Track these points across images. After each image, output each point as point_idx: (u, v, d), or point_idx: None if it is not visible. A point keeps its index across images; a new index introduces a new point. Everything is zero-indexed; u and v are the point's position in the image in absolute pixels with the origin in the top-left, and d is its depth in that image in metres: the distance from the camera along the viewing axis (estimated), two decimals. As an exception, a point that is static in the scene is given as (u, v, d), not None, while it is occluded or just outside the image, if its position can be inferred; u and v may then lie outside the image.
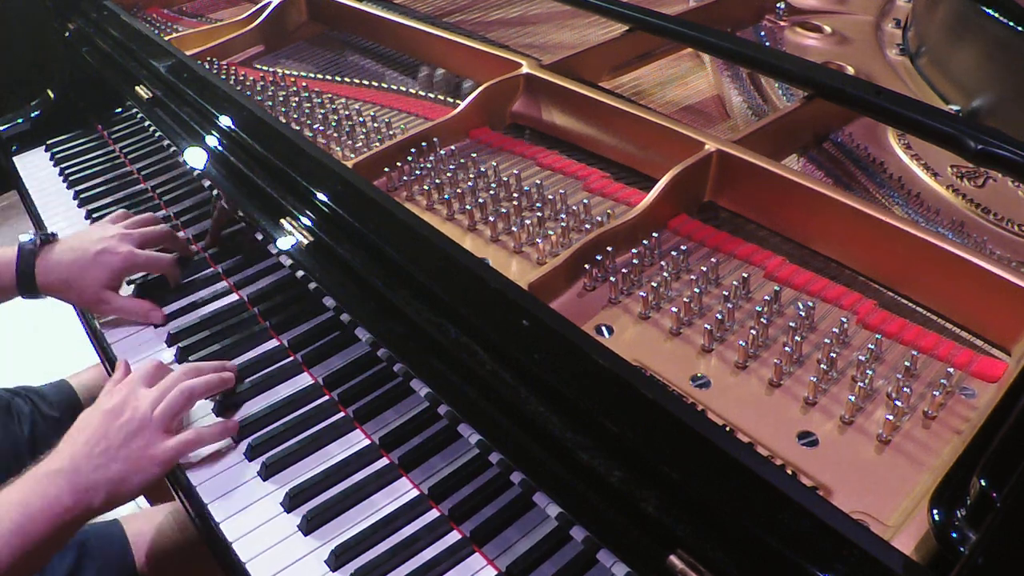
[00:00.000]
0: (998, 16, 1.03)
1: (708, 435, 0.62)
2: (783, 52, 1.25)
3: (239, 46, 1.45)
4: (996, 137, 0.83)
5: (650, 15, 1.18)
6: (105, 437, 0.83)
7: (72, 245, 1.07)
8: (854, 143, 1.07)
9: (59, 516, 0.78)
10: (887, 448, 0.69)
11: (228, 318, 1.06)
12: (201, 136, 1.13)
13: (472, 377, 0.74)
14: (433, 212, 1.01)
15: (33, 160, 1.54)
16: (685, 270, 0.90)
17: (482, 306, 0.77)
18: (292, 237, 0.94)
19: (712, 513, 0.58)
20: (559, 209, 0.97)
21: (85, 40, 1.47)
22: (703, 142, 0.96)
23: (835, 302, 0.84)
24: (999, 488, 0.53)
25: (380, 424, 0.89)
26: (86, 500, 0.80)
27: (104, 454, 0.82)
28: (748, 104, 1.15)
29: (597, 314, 0.85)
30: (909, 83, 1.20)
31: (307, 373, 0.97)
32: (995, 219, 0.94)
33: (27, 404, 1.24)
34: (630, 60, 1.28)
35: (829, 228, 0.88)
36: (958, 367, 0.76)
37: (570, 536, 0.71)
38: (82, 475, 0.81)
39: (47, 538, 0.78)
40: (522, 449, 0.70)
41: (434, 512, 0.81)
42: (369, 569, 0.76)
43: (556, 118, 1.13)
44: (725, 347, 0.80)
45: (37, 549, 0.78)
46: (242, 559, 0.78)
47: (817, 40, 1.33)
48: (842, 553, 0.53)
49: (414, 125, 1.17)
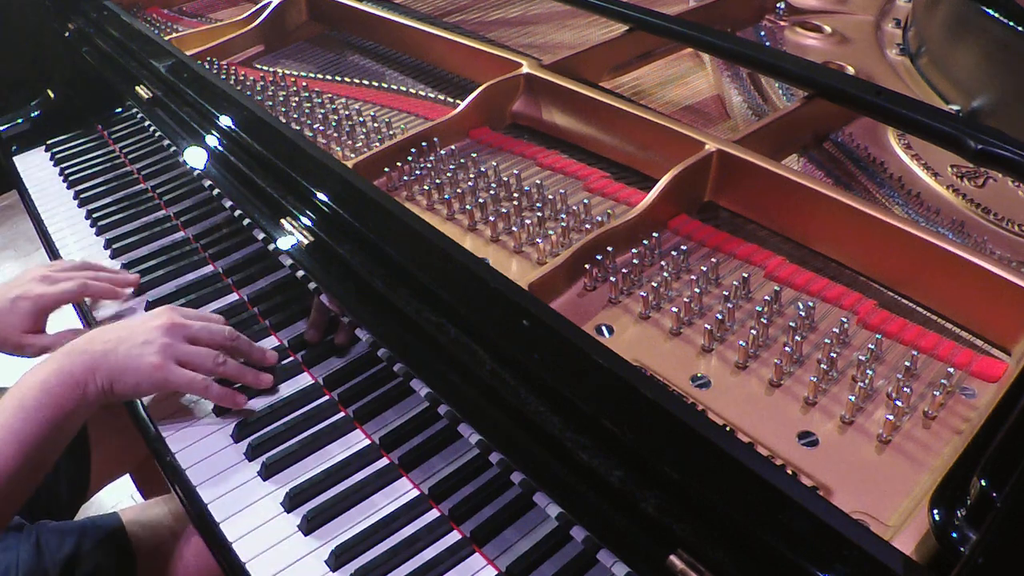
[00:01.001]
0: (998, 16, 1.04)
1: (708, 435, 0.62)
2: (783, 52, 1.25)
3: (239, 46, 1.45)
4: (996, 137, 0.83)
5: (650, 15, 1.18)
6: (123, 330, 0.88)
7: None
8: (854, 143, 1.07)
9: (70, 389, 0.82)
10: (887, 448, 0.69)
11: (228, 318, 1.06)
12: (201, 136, 1.13)
13: (472, 377, 0.74)
14: (433, 212, 1.01)
15: (33, 160, 1.54)
16: (685, 270, 0.90)
17: (482, 306, 0.77)
18: (292, 237, 0.94)
19: (712, 513, 0.58)
20: (559, 209, 0.97)
21: (85, 40, 1.47)
22: (703, 142, 0.96)
23: (835, 302, 0.84)
24: (999, 488, 0.53)
25: (380, 424, 0.89)
26: (91, 378, 0.83)
27: (117, 342, 0.86)
28: (748, 104, 1.15)
29: (597, 314, 0.85)
30: (909, 83, 1.20)
31: (307, 373, 0.97)
32: (995, 219, 0.94)
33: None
34: (630, 60, 1.28)
35: (829, 228, 0.88)
36: (958, 367, 0.76)
37: (570, 536, 0.71)
38: (90, 354, 0.84)
39: (64, 413, 0.81)
40: (522, 449, 0.70)
41: (434, 512, 0.81)
42: (369, 569, 0.76)
43: (556, 118, 1.13)
44: (725, 347, 0.80)
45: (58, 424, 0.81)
46: (242, 559, 0.78)
47: (817, 40, 1.33)
48: (842, 553, 0.53)
49: (414, 125, 1.18)
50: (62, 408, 0.82)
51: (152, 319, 0.90)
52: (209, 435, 0.91)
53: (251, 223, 1.01)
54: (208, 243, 1.20)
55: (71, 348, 0.86)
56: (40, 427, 0.80)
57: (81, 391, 0.83)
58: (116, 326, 0.90)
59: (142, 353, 0.86)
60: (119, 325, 0.90)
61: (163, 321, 0.89)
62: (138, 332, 0.88)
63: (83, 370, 0.84)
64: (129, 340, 0.87)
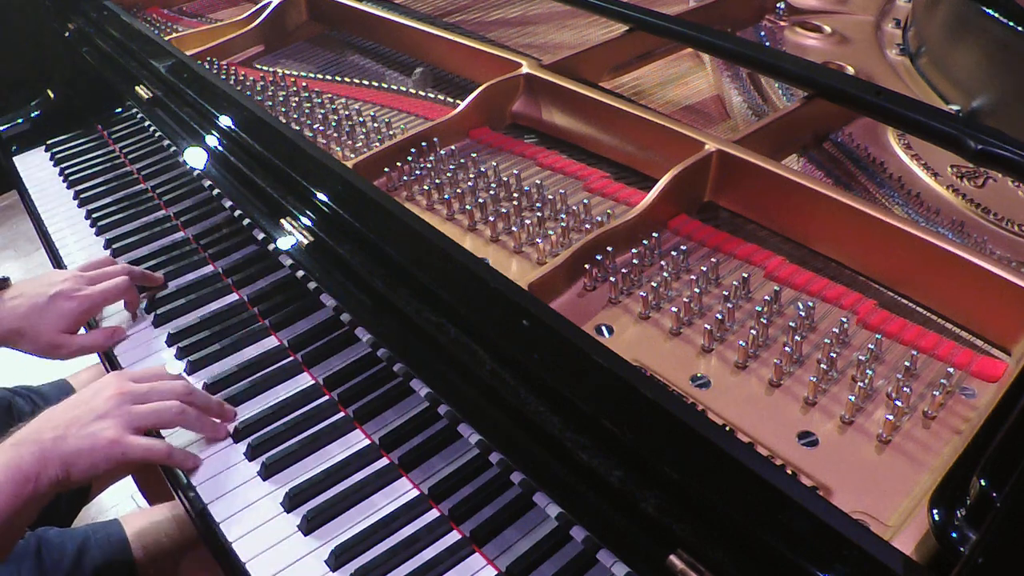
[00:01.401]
0: (998, 16, 1.04)
1: (708, 435, 0.62)
2: (783, 52, 1.25)
3: (239, 46, 1.45)
4: (996, 137, 0.83)
5: (650, 15, 1.18)
6: (73, 410, 0.82)
7: (25, 290, 1.03)
8: (854, 143, 1.07)
9: (20, 486, 0.76)
10: (887, 448, 0.69)
11: (228, 318, 1.06)
12: (201, 136, 1.13)
13: (472, 377, 0.74)
14: (433, 212, 1.01)
15: (33, 160, 1.54)
16: (685, 270, 0.90)
17: (482, 306, 0.77)
18: (292, 237, 0.94)
19: (712, 513, 0.58)
20: (559, 209, 0.97)
21: (85, 40, 1.47)
22: (703, 142, 0.96)
23: (835, 302, 0.84)
24: (999, 488, 0.53)
25: (380, 424, 0.89)
26: (42, 470, 0.78)
27: (66, 426, 0.80)
28: (748, 104, 1.15)
29: (597, 314, 0.85)
30: (909, 83, 1.20)
31: (307, 373, 0.97)
32: (995, 219, 0.94)
33: (28, 405, 1.24)
34: (630, 60, 1.28)
35: (829, 228, 0.88)
36: (958, 367, 0.76)
37: (570, 536, 0.71)
38: (40, 444, 0.78)
39: (13, 509, 0.75)
40: (522, 449, 0.70)
41: (434, 512, 0.81)
42: (369, 569, 0.76)
43: (556, 118, 1.13)
44: (725, 347, 0.80)
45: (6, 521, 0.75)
46: (242, 559, 0.78)
47: (817, 40, 1.33)
48: (842, 553, 0.53)
49: (414, 125, 1.18)
50: (11, 505, 0.76)
51: (100, 391, 0.85)
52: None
53: (251, 223, 1.01)
54: (208, 243, 1.20)
55: (18, 439, 0.80)
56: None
57: (32, 486, 0.77)
58: (64, 406, 0.85)
59: (94, 432, 0.81)
60: (67, 404, 0.85)
61: (112, 391, 0.84)
62: (87, 410, 0.83)
63: (33, 462, 0.78)
64: (79, 421, 0.82)
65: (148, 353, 1.05)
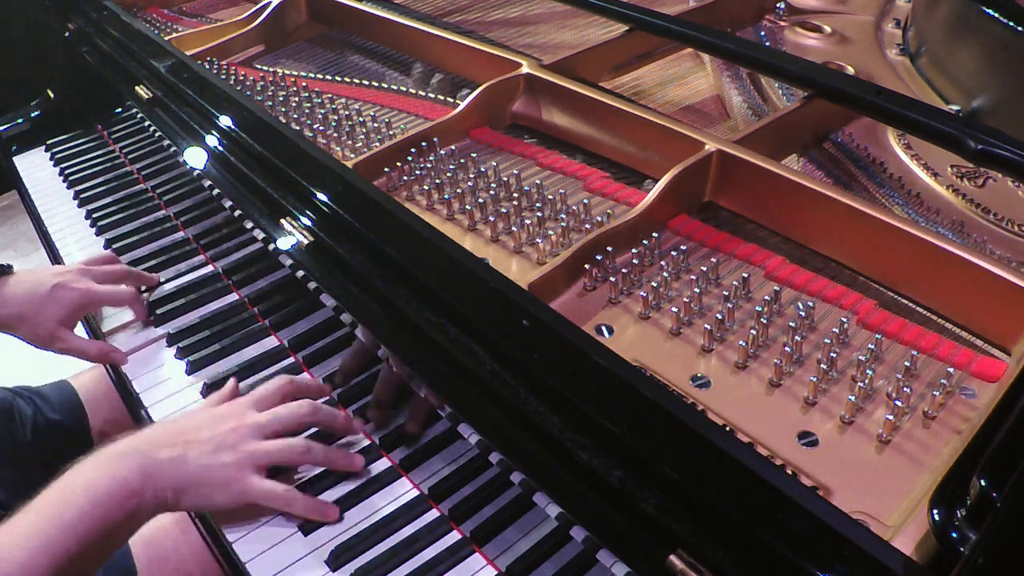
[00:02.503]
0: (998, 16, 1.03)
1: (708, 435, 0.62)
2: (783, 52, 1.25)
3: (239, 46, 1.45)
4: (996, 137, 0.83)
5: (650, 15, 1.18)
6: (193, 432, 0.76)
7: (26, 278, 1.04)
8: (854, 143, 1.07)
9: (124, 500, 0.70)
10: (887, 448, 0.69)
11: (228, 318, 1.06)
12: (201, 136, 1.13)
13: (472, 377, 0.74)
14: (433, 212, 1.01)
15: (33, 160, 1.54)
16: (685, 270, 0.90)
17: (482, 306, 0.77)
18: (292, 237, 0.94)
19: (712, 513, 0.58)
20: (559, 209, 0.97)
21: (85, 40, 1.47)
22: (703, 142, 0.96)
23: (835, 302, 0.84)
24: (999, 488, 0.53)
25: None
26: (149, 488, 0.72)
27: (184, 447, 0.75)
28: (748, 104, 1.15)
29: (597, 314, 0.85)
30: (909, 83, 1.20)
31: (307, 373, 0.97)
32: (995, 219, 0.94)
33: (29, 406, 1.23)
34: (630, 60, 1.28)
35: (829, 228, 0.88)
36: (958, 367, 0.76)
37: (570, 536, 0.71)
38: (151, 459, 0.73)
39: (112, 525, 0.69)
40: (522, 449, 0.70)
41: (434, 512, 0.81)
42: (369, 569, 0.76)
43: (556, 118, 1.13)
44: (725, 347, 0.80)
45: (102, 538, 0.69)
46: (242, 559, 0.78)
47: (817, 40, 1.33)
48: (842, 553, 0.53)
49: (414, 125, 1.17)
50: (110, 519, 0.69)
51: (221, 419, 0.79)
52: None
53: (251, 223, 1.01)
54: (208, 243, 1.20)
55: (124, 450, 0.73)
56: (79, 542, 0.67)
57: (135, 502, 0.71)
58: (180, 425, 0.79)
59: (213, 464, 0.75)
60: (185, 425, 0.78)
61: (236, 423, 0.79)
62: (208, 437, 0.77)
63: (140, 478, 0.71)
64: (199, 446, 0.76)
65: (147, 353, 1.05)
